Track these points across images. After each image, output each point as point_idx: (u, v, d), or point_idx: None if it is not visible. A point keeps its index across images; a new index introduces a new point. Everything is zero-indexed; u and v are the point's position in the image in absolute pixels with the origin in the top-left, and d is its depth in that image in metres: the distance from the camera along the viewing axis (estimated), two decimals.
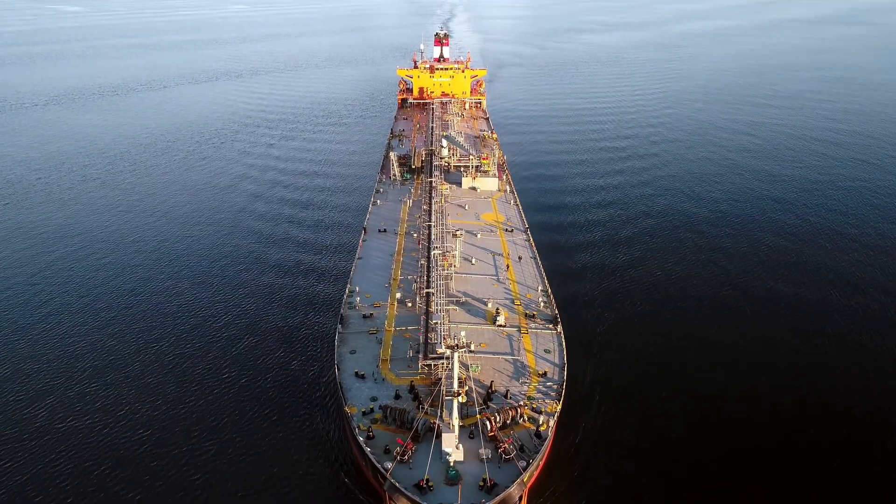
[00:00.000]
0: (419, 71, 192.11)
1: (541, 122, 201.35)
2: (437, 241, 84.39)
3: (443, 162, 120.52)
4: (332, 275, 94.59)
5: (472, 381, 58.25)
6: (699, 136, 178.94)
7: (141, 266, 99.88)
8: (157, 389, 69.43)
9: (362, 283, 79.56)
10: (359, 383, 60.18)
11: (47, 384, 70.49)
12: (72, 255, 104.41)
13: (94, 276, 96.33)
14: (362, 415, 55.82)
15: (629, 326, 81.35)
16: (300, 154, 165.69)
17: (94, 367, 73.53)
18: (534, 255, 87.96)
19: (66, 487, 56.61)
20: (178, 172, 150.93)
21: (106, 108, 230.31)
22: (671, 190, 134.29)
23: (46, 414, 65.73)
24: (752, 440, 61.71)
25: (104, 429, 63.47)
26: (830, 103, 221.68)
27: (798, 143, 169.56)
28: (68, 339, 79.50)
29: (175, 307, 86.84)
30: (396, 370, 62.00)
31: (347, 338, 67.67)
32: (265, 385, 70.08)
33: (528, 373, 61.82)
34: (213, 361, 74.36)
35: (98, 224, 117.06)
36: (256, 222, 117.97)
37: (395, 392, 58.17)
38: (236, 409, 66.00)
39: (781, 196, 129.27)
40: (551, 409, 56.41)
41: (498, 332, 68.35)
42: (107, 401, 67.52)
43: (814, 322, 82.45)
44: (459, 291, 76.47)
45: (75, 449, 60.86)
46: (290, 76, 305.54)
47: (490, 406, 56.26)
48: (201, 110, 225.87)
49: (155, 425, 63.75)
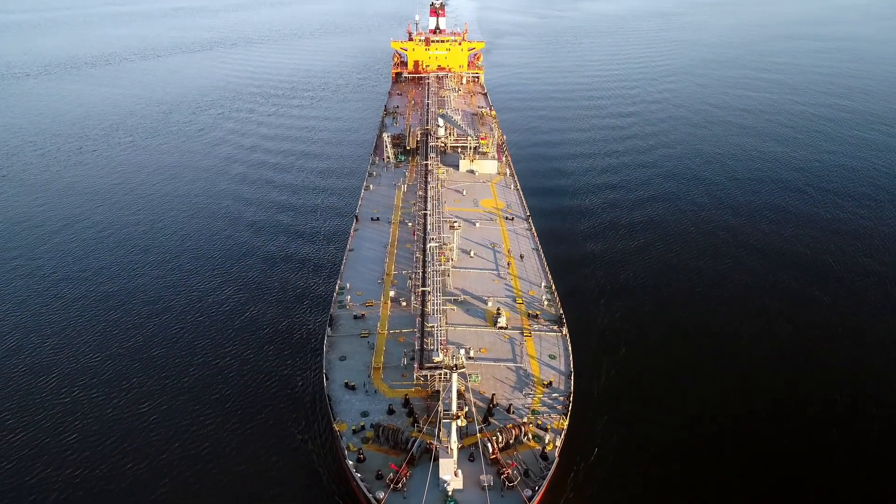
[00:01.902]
0: (414, 43, 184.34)
1: (540, 96, 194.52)
2: (433, 231, 79.20)
3: (439, 143, 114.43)
4: (322, 267, 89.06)
5: (470, 394, 53.88)
6: (705, 112, 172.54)
7: (128, 251, 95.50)
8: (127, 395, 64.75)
9: (353, 278, 74.52)
10: (349, 395, 55.55)
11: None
12: (63, 229, 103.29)
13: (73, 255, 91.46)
14: (352, 433, 51.25)
15: (641, 325, 75.61)
16: (289, 132, 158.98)
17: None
18: (536, 246, 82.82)
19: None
20: (168, 150, 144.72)
21: (99, 78, 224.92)
22: (681, 169, 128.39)
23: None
24: (791, 468, 55.59)
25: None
26: (843, 78, 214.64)
27: (817, 119, 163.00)
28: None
29: (149, 303, 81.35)
30: (390, 380, 57.36)
31: (337, 342, 62.87)
32: (249, 395, 64.27)
33: (531, 382, 57.26)
34: (188, 372, 68.20)
35: (82, 203, 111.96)
36: (242, 207, 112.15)
37: (389, 406, 53.58)
38: (217, 424, 60.64)
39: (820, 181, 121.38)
40: (558, 426, 51.96)
41: (499, 336, 63.63)
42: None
43: (860, 330, 74.88)
44: (457, 288, 71.53)
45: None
46: (283, 46, 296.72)
47: (491, 423, 51.82)
48: (194, 82, 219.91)
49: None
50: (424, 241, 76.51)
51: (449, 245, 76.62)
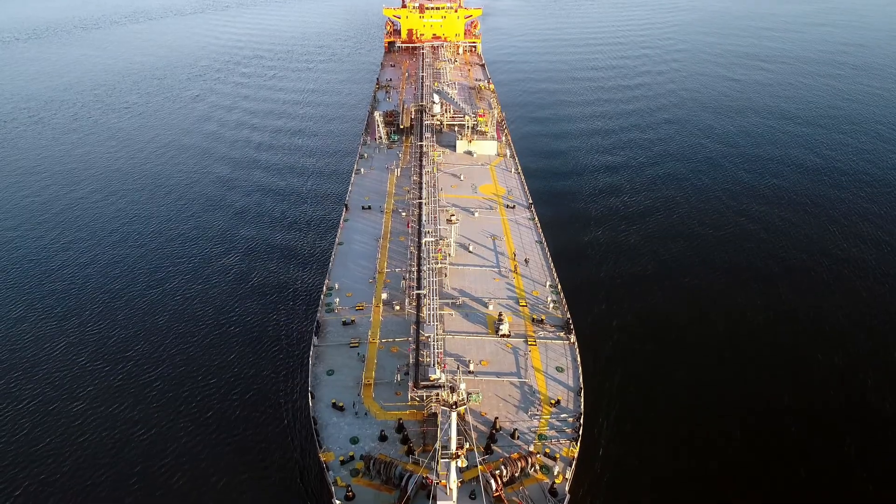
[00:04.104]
0: (408, 11, 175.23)
1: (540, 64, 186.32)
2: (428, 222, 73.18)
3: (434, 120, 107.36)
4: (309, 263, 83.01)
5: (470, 416, 48.69)
6: (715, 83, 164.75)
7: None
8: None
9: (343, 276, 68.78)
10: (337, 417, 50.32)
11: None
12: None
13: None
14: (340, 464, 46.17)
15: (656, 328, 69.67)
16: (276, 107, 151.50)
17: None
18: (539, 238, 76.85)
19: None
20: (150, 127, 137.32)
21: (90, 42, 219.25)
22: (695, 145, 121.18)
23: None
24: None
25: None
26: (855, 49, 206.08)
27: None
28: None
29: (123, 299, 76.05)
30: (382, 399, 52.07)
31: (324, 352, 57.43)
32: (225, 417, 58.71)
33: (538, 401, 52.04)
34: (160, 386, 62.66)
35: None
36: (223, 191, 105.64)
37: (381, 432, 48.38)
38: (189, 451, 55.29)
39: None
40: (567, 454, 46.97)
41: (501, 345, 58.22)
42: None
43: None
44: (455, 289, 65.86)
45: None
46: (272, 10, 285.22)
47: (494, 451, 46.73)
48: (184, 47, 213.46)
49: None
50: (419, 235, 70.72)
51: (446, 240, 70.66)
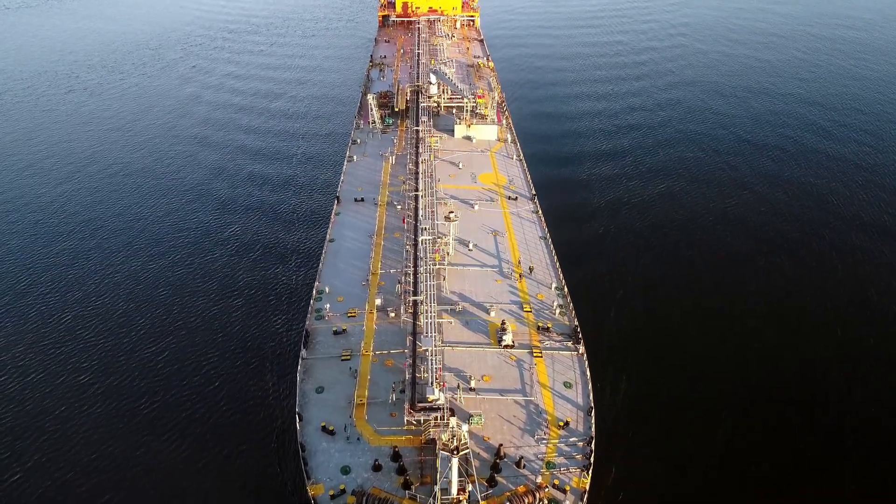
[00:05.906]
0: None
1: (541, 38, 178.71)
2: (425, 217, 68.40)
3: (431, 102, 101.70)
4: (297, 261, 78.07)
5: (472, 442, 44.57)
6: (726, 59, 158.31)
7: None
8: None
9: (334, 278, 64.22)
10: (327, 443, 46.19)
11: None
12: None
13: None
14: (330, 498, 42.19)
15: (672, 330, 65.47)
16: (264, 86, 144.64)
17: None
18: (544, 234, 72.09)
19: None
20: (127, 105, 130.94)
21: (79, 11, 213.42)
22: (705, 129, 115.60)
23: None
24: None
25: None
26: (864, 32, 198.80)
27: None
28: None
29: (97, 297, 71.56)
30: (376, 422, 47.90)
31: (313, 366, 53.13)
32: (204, 442, 54.42)
33: (545, 422, 47.96)
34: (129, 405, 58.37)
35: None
36: (208, 181, 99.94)
37: (374, 461, 44.29)
38: (167, 479, 51.42)
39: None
40: (578, 485, 43.05)
41: (504, 357, 53.98)
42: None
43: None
44: (454, 292, 61.37)
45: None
46: None
47: (498, 482, 42.74)
48: (173, 22, 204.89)
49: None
50: (416, 233, 66.08)
51: (444, 239, 65.92)
